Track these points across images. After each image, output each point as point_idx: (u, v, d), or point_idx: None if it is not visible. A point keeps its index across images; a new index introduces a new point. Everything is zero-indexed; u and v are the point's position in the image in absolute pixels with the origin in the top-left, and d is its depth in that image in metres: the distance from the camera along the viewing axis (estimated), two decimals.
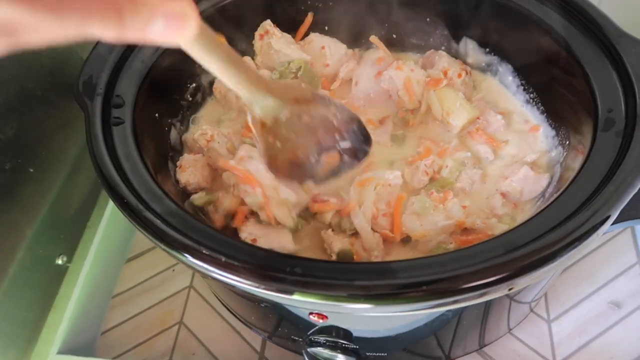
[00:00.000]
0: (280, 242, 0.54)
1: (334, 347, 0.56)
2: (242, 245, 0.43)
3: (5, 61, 0.63)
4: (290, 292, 0.39)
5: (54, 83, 0.72)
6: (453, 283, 0.38)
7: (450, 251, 0.44)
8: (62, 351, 0.66)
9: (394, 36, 0.72)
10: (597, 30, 0.52)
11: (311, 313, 0.47)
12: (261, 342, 0.71)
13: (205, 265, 0.41)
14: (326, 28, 0.72)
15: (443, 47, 0.70)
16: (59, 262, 0.75)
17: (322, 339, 0.55)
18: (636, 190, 0.42)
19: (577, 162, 0.50)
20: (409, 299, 0.38)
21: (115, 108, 0.54)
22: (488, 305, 0.55)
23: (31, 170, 0.68)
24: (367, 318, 0.52)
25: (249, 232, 0.52)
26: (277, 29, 0.69)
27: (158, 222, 0.43)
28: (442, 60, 0.66)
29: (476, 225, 0.54)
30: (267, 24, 0.69)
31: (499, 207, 0.57)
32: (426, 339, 0.58)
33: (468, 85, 0.66)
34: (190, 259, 0.41)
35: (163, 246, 0.42)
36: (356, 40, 0.73)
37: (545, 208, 0.43)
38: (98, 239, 0.75)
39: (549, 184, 0.56)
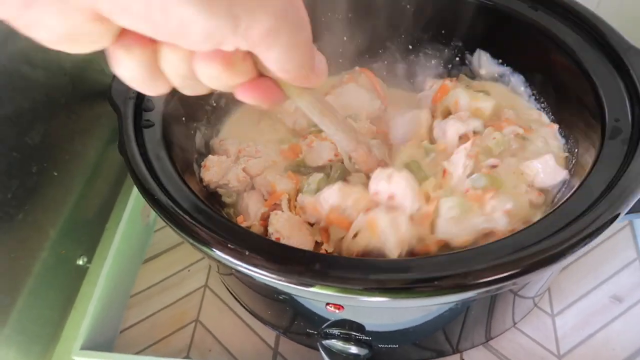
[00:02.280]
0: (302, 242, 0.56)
1: (348, 339, 0.58)
2: (265, 241, 0.46)
3: (32, 70, 0.66)
4: (311, 285, 0.42)
5: (75, 91, 0.75)
6: (462, 279, 0.41)
7: (461, 250, 0.47)
8: (85, 347, 0.69)
9: (410, 47, 0.75)
10: (606, 43, 0.55)
11: (328, 304, 0.50)
12: (275, 338, 0.73)
13: (229, 259, 0.44)
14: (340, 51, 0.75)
15: (457, 58, 0.72)
16: (80, 262, 0.78)
17: (336, 331, 0.58)
18: (636, 198, 0.44)
19: (585, 169, 0.52)
20: (421, 293, 0.41)
21: (146, 111, 0.57)
22: (493, 300, 0.58)
23: (55, 173, 0.71)
24: (379, 312, 0.54)
25: (275, 230, 0.55)
26: None
27: (186, 217, 0.46)
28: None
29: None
30: None
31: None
32: (435, 331, 0.60)
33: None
34: (217, 252, 0.44)
35: (191, 240, 0.45)
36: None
37: (553, 211, 0.45)
38: (117, 241, 0.78)
39: (565, 183, 0.58)
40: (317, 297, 0.46)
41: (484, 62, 0.70)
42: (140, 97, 0.57)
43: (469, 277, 0.40)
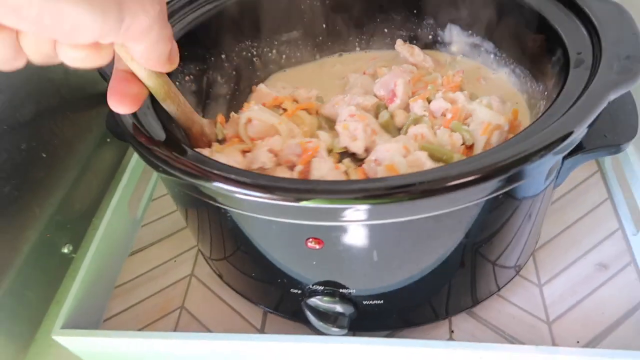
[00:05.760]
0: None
1: (332, 294, 0.58)
2: (253, 173, 0.48)
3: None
4: (298, 200, 0.43)
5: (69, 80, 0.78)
6: (439, 183, 0.42)
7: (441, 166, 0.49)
8: (66, 327, 0.67)
9: (386, 30, 0.79)
10: None
11: (308, 239, 0.50)
12: (261, 321, 0.72)
13: (223, 186, 0.45)
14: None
15: (430, 36, 0.77)
16: (65, 250, 0.77)
17: (320, 287, 0.58)
18: (599, 110, 0.47)
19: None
20: (402, 197, 0.42)
21: None
22: (474, 266, 0.59)
23: (44, 155, 0.72)
24: (361, 257, 0.54)
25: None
26: None
27: (174, 154, 0.47)
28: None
29: None
30: None
31: None
32: (419, 288, 0.59)
33: None
34: (215, 184, 0.45)
35: (185, 177, 0.46)
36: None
37: (524, 130, 0.48)
38: (101, 231, 0.77)
39: None
40: (302, 214, 0.46)
41: (455, 35, 0.74)
42: None
43: (445, 180, 0.42)
